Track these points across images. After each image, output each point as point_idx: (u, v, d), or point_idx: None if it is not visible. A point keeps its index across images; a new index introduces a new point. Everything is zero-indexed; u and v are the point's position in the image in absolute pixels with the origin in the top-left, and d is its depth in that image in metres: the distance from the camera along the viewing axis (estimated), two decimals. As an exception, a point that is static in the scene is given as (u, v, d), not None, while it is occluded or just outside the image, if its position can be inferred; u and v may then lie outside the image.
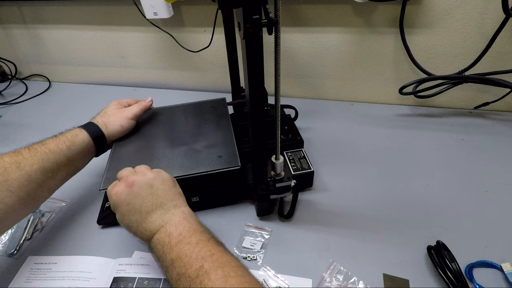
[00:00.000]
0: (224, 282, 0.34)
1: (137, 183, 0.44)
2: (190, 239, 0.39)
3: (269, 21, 0.33)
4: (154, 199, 0.43)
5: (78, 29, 0.96)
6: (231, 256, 0.38)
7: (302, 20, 0.78)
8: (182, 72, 0.97)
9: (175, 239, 0.39)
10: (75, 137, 0.53)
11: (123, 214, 0.43)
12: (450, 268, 0.43)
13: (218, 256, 0.37)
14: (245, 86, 0.43)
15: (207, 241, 0.39)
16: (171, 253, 0.38)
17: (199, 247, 0.38)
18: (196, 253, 0.37)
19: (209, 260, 0.36)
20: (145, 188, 0.43)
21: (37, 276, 0.49)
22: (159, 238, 0.40)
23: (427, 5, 0.69)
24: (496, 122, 0.75)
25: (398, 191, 0.59)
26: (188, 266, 0.36)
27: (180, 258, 0.37)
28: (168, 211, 0.43)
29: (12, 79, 1.07)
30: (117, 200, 0.43)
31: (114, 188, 0.44)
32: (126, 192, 0.43)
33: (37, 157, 0.47)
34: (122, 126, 0.59)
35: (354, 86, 0.86)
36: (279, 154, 0.50)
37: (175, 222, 0.41)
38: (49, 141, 0.51)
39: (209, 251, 0.37)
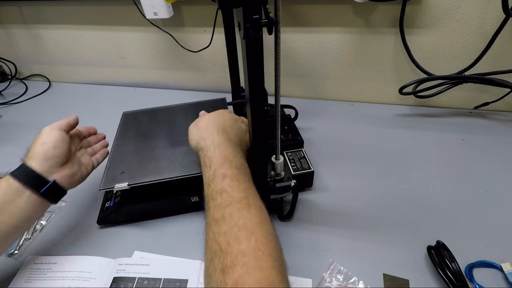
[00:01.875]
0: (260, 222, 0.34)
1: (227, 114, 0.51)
2: (245, 176, 0.41)
3: (269, 21, 0.33)
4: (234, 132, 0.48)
5: (78, 29, 0.96)
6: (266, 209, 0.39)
7: (302, 20, 0.78)
8: (182, 72, 0.97)
9: (237, 163, 0.41)
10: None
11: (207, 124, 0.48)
12: (450, 268, 0.43)
13: (260, 202, 0.38)
14: (245, 86, 0.43)
15: (255, 188, 0.40)
16: (228, 170, 0.40)
17: (249, 184, 0.40)
18: (245, 186, 0.38)
19: (253, 198, 0.37)
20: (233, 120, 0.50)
21: (37, 276, 0.49)
22: (226, 151, 0.42)
23: (427, 5, 0.69)
24: (496, 122, 0.75)
25: (398, 191, 0.59)
26: (235, 189, 0.37)
27: (232, 179, 0.38)
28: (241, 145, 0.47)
29: (12, 79, 1.07)
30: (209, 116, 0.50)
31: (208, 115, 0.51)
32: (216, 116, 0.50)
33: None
34: (44, 143, 0.46)
35: (354, 86, 0.86)
36: (279, 154, 0.50)
37: (241, 155, 0.45)
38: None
39: (255, 193, 0.39)
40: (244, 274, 0.29)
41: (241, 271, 0.29)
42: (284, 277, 0.31)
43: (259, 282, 0.29)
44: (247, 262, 0.30)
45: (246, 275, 0.29)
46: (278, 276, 0.30)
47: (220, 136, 0.45)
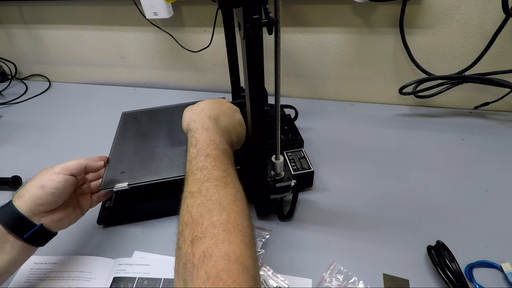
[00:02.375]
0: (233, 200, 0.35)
1: (227, 103, 0.52)
2: (228, 159, 0.41)
3: (269, 21, 0.33)
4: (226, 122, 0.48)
5: (78, 29, 0.96)
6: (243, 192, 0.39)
7: (302, 20, 0.78)
8: (182, 72, 0.97)
9: (222, 147, 0.42)
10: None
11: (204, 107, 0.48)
12: (450, 268, 0.43)
13: (238, 184, 0.38)
14: (245, 86, 0.43)
15: (235, 172, 0.40)
16: (212, 150, 0.40)
17: (231, 167, 0.40)
18: (226, 167, 0.39)
19: (232, 178, 0.38)
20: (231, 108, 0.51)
21: (37, 276, 0.49)
22: (212, 134, 0.43)
23: (427, 5, 0.69)
24: (496, 122, 0.75)
25: (398, 191, 0.59)
26: (216, 168, 0.38)
27: (214, 159, 0.39)
28: (235, 135, 0.48)
29: (12, 79, 1.07)
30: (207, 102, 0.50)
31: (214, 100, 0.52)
32: (214, 102, 0.51)
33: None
34: (42, 187, 0.41)
35: (354, 86, 0.86)
36: (279, 154, 0.50)
37: (230, 142, 0.46)
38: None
39: (235, 175, 0.39)
40: (212, 245, 0.29)
41: (210, 242, 0.29)
42: (253, 252, 0.31)
43: (226, 254, 0.28)
44: (217, 234, 0.30)
45: (214, 247, 0.29)
46: (246, 250, 0.30)
47: (211, 122, 0.45)
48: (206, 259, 0.28)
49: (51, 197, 0.42)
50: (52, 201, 0.42)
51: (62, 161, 0.73)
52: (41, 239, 0.43)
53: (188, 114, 0.49)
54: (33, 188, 0.42)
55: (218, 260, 0.28)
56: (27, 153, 0.76)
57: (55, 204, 0.43)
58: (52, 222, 0.43)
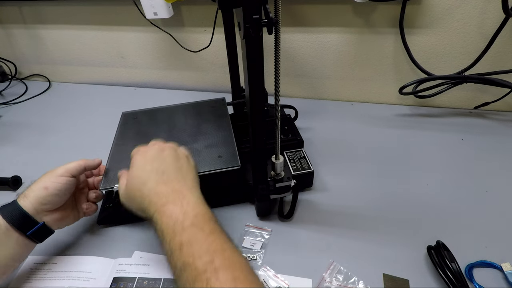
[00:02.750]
0: (232, 286, 0.31)
1: (167, 151, 0.44)
2: (204, 225, 0.36)
3: (269, 21, 0.33)
4: (178, 171, 0.42)
5: (78, 29, 0.96)
6: (241, 256, 0.35)
7: (302, 20, 0.78)
8: (182, 72, 0.97)
9: (189, 220, 0.36)
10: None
11: (143, 170, 0.42)
12: (450, 268, 0.43)
13: (230, 254, 0.34)
14: (245, 86, 0.43)
15: (220, 233, 0.36)
16: (182, 235, 0.35)
17: (212, 238, 0.35)
18: (208, 244, 0.34)
19: (220, 256, 0.33)
20: (173, 157, 0.44)
21: (37, 276, 0.49)
22: (172, 210, 0.37)
23: (427, 5, 0.69)
24: (496, 122, 0.75)
25: (398, 191, 0.59)
26: (197, 256, 0.33)
27: (191, 244, 0.34)
28: (188, 188, 0.40)
29: (12, 79, 1.07)
30: (144, 156, 0.43)
31: (144, 147, 0.46)
32: (155, 153, 0.44)
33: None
34: (46, 188, 0.44)
35: (354, 86, 0.86)
36: (279, 154, 0.50)
37: (193, 202, 0.38)
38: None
39: (221, 245, 0.34)
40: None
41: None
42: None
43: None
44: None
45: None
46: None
47: (164, 193, 0.39)
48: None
49: (54, 197, 0.45)
50: (55, 202, 0.45)
51: (62, 161, 0.73)
52: (41, 236, 0.46)
53: (128, 190, 0.42)
54: (38, 189, 0.44)
55: None
56: (27, 153, 0.76)
57: (57, 204, 0.46)
58: (52, 221, 0.46)
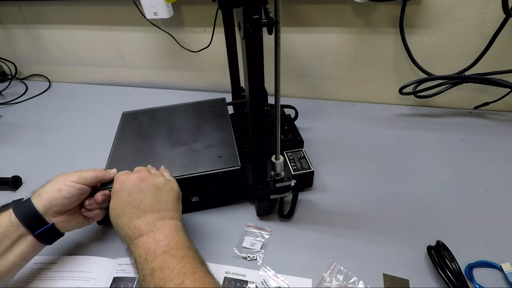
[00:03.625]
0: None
1: (147, 181, 0.45)
2: (176, 252, 0.38)
3: (269, 21, 0.33)
4: (155, 202, 0.43)
5: (78, 29, 0.96)
6: (212, 278, 0.37)
7: (302, 20, 0.78)
8: (182, 72, 0.97)
9: (161, 249, 0.38)
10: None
11: (120, 202, 0.43)
12: (450, 268, 0.43)
13: (201, 276, 0.36)
14: (245, 86, 0.43)
15: (192, 258, 0.38)
16: (154, 262, 0.37)
17: (183, 262, 0.37)
18: (179, 268, 0.36)
19: (191, 278, 0.35)
20: (152, 188, 0.44)
21: (37, 276, 0.49)
22: (145, 242, 0.39)
23: (427, 5, 0.69)
24: (496, 122, 0.75)
25: (398, 191, 0.59)
26: (168, 280, 0.35)
27: (162, 270, 0.36)
28: (163, 219, 0.42)
29: (12, 79, 1.07)
30: (122, 186, 0.44)
31: (125, 175, 0.46)
32: (134, 183, 0.44)
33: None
34: (59, 190, 0.45)
35: (354, 86, 0.86)
36: (279, 154, 0.50)
37: (166, 232, 0.41)
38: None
39: (193, 268, 0.36)
40: None
41: None
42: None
43: None
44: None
45: None
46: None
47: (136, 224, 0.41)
48: None
49: (66, 201, 0.45)
50: (65, 204, 0.45)
51: (62, 161, 0.73)
52: (50, 238, 0.46)
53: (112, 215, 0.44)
54: (52, 190, 0.45)
55: None
56: (27, 153, 0.76)
57: (67, 207, 0.46)
58: (60, 223, 0.46)
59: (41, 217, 0.44)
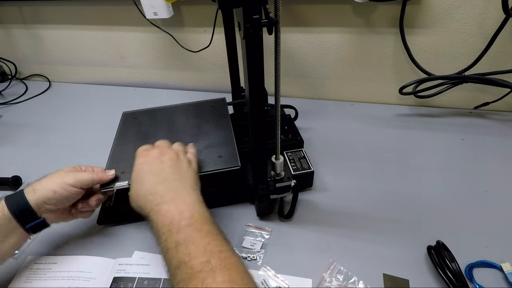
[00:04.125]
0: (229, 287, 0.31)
1: (169, 153, 0.46)
2: (202, 226, 0.37)
3: (269, 21, 0.33)
4: (177, 171, 0.44)
5: (78, 29, 0.96)
6: (238, 258, 0.35)
7: (302, 20, 0.78)
8: (182, 72, 0.97)
9: (186, 221, 0.37)
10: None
11: (141, 171, 0.44)
12: (450, 268, 0.43)
13: (227, 256, 0.34)
14: (245, 86, 0.43)
15: (216, 234, 0.37)
16: (178, 234, 0.36)
17: (209, 238, 0.35)
18: (204, 245, 0.34)
19: (217, 256, 0.33)
20: (173, 159, 0.45)
21: (37, 276, 0.49)
22: (168, 210, 0.38)
23: (427, 5, 0.69)
24: (496, 122, 0.75)
25: (398, 191, 0.59)
26: (193, 256, 0.33)
27: (187, 244, 0.34)
28: (186, 188, 0.42)
29: (12, 79, 1.07)
30: (144, 157, 0.46)
31: (147, 149, 0.47)
32: (156, 155, 0.46)
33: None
34: (54, 192, 0.45)
35: (354, 86, 0.86)
36: (279, 154, 0.50)
37: (189, 201, 0.39)
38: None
39: (218, 246, 0.35)
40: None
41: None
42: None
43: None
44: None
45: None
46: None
47: (157, 191, 0.40)
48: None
49: (59, 202, 0.46)
50: (58, 205, 0.46)
51: (62, 161, 0.73)
52: (38, 229, 0.46)
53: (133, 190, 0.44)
54: (47, 190, 0.45)
55: None
56: (27, 153, 0.76)
57: (59, 207, 0.47)
58: (50, 218, 0.47)
59: (33, 212, 0.44)
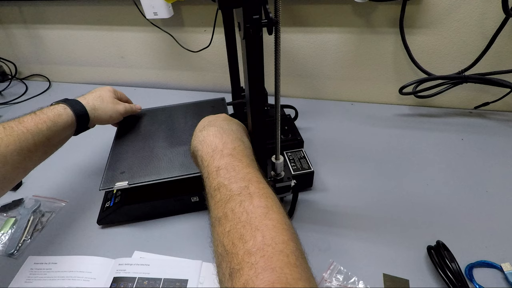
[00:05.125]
0: (265, 212, 0.31)
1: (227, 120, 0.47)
2: (242, 158, 0.38)
3: (269, 21, 0.33)
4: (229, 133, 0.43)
5: (78, 29, 0.96)
6: (275, 195, 0.35)
7: (302, 20, 0.78)
8: (182, 72, 0.97)
9: (228, 151, 0.38)
10: (58, 117, 0.51)
11: (202, 122, 0.46)
12: (450, 268, 0.43)
13: (265, 186, 0.34)
14: (245, 86, 0.43)
15: (256, 169, 0.37)
16: (220, 160, 0.37)
17: (249, 169, 0.36)
18: (244, 173, 0.35)
19: (255, 185, 0.34)
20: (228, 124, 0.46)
21: (37, 276, 0.49)
22: (212, 141, 0.40)
23: (427, 5, 0.69)
24: (496, 122, 0.75)
25: (398, 191, 0.59)
26: (233, 180, 0.34)
27: (227, 170, 0.35)
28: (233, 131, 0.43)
29: (12, 79, 1.07)
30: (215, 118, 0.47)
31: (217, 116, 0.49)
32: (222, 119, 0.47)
33: (13, 137, 0.45)
34: (111, 117, 0.59)
35: (354, 86, 0.86)
36: (279, 154, 0.50)
37: (234, 138, 0.41)
38: (28, 118, 0.49)
39: (257, 177, 0.35)
40: (253, 276, 0.26)
41: (250, 273, 0.26)
42: (302, 273, 0.27)
43: (271, 283, 0.25)
44: (255, 262, 0.27)
45: (255, 278, 0.26)
46: (293, 274, 0.26)
47: (207, 130, 0.42)
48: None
49: (107, 123, 0.60)
50: (101, 122, 0.58)
51: (62, 161, 0.73)
52: (82, 128, 0.56)
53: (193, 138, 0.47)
54: (103, 114, 0.57)
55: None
56: (27, 153, 0.75)
57: (102, 120, 0.58)
58: (93, 122, 0.57)
59: (87, 124, 0.56)
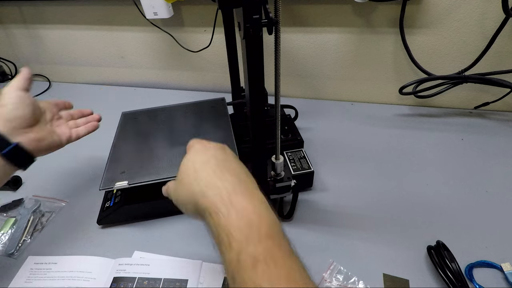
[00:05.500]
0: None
1: (227, 148, 0.38)
2: (281, 241, 0.29)
3: (269, 21, 0.33)
4: (239, 169, 0.35)
5: (78, 29, 0.96)
6: None
7: (302, 20, 0.78)
8: (182, 72, 0.97)
9: (266, 228, 0.28)
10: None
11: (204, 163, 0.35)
12: (450, 268, 0.43)
13: None
14: (245, 86, 0.43)
15: (296, 256, 0.30)
16: (258, 246, 0.27)
17: (291, 261, 0.28)
18: (287, 269, 0.27)
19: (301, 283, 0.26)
20: (233, 155, 0.37)
21: (37, 276, 0.49)
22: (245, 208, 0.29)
23: (427, 5, 0.69)
24: (496, 122, 0.75)
25: (398, 191, 0.59)
26: (275, 283, 0.25)
27: (268, 265, 0.27)
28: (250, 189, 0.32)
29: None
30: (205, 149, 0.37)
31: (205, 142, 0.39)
32: (217, 147, 0.37)
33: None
34: (3, 106, 0.44)
35: (354, 86, 0.86)
36: (279, 154, 0.50)
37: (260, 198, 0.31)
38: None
39: (302, 274, 0.28)
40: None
41: None
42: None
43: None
44: None
45: None
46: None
47: (230, 182, 0.31)
48: None
49: (16, 112, 0.43)
50: (19, 115, 0.44)
51: (62, 161, 0.73)
52: (20, 160, 0.44)
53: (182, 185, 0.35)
54: (5, 108, 0.43)
55: None
56: (27, 153, 0.75)
57: (22, 118, 0.44)
58: (29, 142, 0.44)
59: (3, 137, 0.41)
